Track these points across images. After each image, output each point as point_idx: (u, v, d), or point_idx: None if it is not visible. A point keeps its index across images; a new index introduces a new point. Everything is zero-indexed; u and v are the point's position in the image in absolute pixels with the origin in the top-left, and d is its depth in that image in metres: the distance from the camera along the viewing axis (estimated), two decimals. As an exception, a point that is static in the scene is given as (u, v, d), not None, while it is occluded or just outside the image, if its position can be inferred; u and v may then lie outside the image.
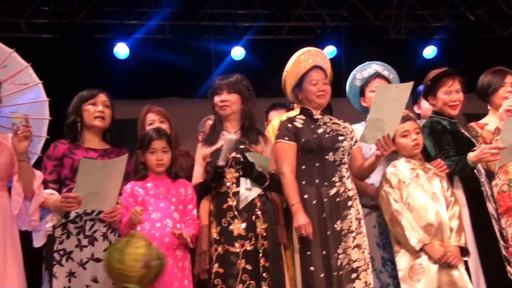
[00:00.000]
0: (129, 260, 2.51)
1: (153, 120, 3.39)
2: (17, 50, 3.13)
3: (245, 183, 2.90)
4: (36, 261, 2.86)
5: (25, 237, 2.82)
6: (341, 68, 5.19)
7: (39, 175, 2.77)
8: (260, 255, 2.84)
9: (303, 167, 2.98)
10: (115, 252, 2.55)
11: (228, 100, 3.01)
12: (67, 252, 2.73)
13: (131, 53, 6.18)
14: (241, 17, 6.50)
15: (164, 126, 3.35)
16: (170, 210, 2.86)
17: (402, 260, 2.94)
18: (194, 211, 2.94)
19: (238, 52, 6.37)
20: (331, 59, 3.30)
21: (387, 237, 3.12)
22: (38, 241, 2.76)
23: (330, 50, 6.34)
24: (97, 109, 2.93)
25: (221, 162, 2.87)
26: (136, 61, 6.31)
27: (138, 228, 2.77)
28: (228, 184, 2.92)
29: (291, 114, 3.35)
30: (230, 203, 2.90)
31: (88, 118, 2.92)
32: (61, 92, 3.31)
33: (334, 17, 6.66)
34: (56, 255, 2.72)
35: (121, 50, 6.12)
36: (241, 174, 2.91)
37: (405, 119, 3.06)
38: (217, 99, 3.04)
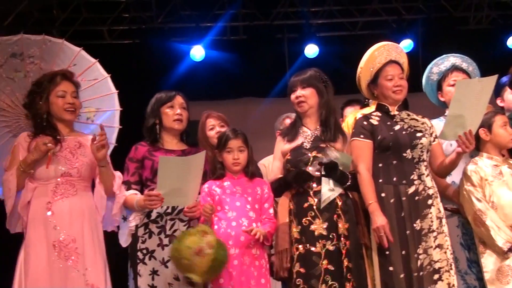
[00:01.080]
0: (183, 247, 2.57)
1: (213, 125, 3.46)
2: (100, 56, 3.29)
3: (327, 182, 2.86)
4: (123, 258, 2.97)
5: (114, 235, 2.94)
6: (418, 62, 5.04)
7: (118, 175, 2.86)
8: (343, 255, 2.81)
9: (380, 165, 2.91)
10: (175, 241, 2.64)
11: (302, 96, 2.98)
12: (149, 251, 2.80)
13: (206, 55, 6.30)
14: (314, 15, 6.47)
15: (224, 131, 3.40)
16: (246, 209, 2.88)
17: (488, 261, 2.82)
18: (271, 210, 2.95)
19: (311, 50, 6.33)
20: (407, 53, 3.22)
21: (471, 238, 3.00)
22: (123, 241, 2.86)
23: (407, 44, 6.17)
24: (175, 112, 2.98)
25: (311, 171, 2.85)
26: (211, 62, 6.43)
27: (216, 227, 2.82)
28: (309, 182, 2.89)
29: (366, 111, 3.29)
30: (310, 202, 2.87)
31: (167, 121, 2.99)
32: (141, 94, 3.42)
33: (410, 10, 6.47)
34: (139, 254, 2.81)
35: (197, 52, 6.25)
36: (323, 173, 2.87)
37: (493, 113, 2.94)
38: (292, 96, 3.02)
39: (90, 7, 6.21)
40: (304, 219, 2.86)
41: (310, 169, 2.87)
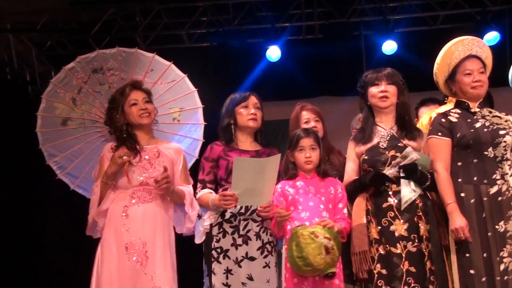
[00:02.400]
0: (313, 259, 2.57)
1: (308, 119, 3.38)
2: (179, 59, 3.41)
3: (407, 184, 2.79)
4: (199, 254, 3.03)
5: (191, 235, 3.01)
6: (505, 55, 4.78)
7: (189, 192, 2.92)
8: (426, 257, 2.73)
9: (459, 163, 2.79)
10: (296, 261, 2.63)
11: (388, 91, 2.92)
12: (223, 250, 2.86)
13: (282, 54, 6.32)
14: (392, 10, 6.30)
15: (319, 126, 3.35)
16: (319, 209, 2.86)
17: None
18: (345, 210, 2.91)
19: (389, 47, 6.17)
20: (493, 46, 3.06)
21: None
22: (198, 238, 2.94)
23: (493, 37, 5.83)
24: (249, 112, 3.03)
25: (389, 173, 2.79)
26: (287, 62, 6.43)
27: (288, 227, 2.82)
28: (387, 183, 2.83)
29: (444, 108, 3.16)
30: (390, 202, 2.81)
31: (241, 120, 3.03)
32: (219, 96, 3.48)
33: (495, 0, 6.13)
34: (214, 253, 2.86)
35: (273, 52, 6.29)
36: (402, 175, 2.80)
37: None
38: (374, 90, 2.94)
39: (170, 12, 6.40)
40: (383, 220, 2.80)
41: (389, 171, 2.80)
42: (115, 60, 3.22)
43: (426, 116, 3.44)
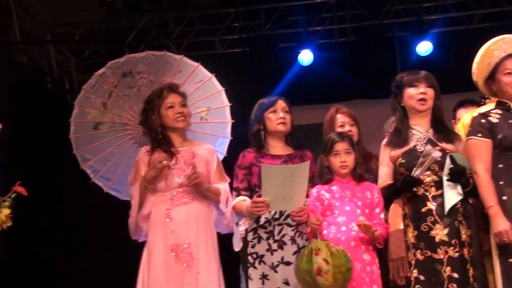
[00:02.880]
0: (302, 272, 2.56)
1: (343, 122, 3.32)
2: (212, 65, 3.42)
3: (452, 187, 2.70)
4: (236, 260, 3.02)
5: (229, 238, 3.00)
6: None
7: (224, 189, 2.94)
8: (469, 263, 2.65)
9: (501, 166, 2.69)
10: (294, 265, 2.60)
11: (427, 94, 2.85)
12: (259, 256, 2.83)
13: (314, 58, 6.27)
14: (426, 11, 6.17)
15: (354, 130, 3.29)
16: (356, 214, 2.80)
17: None
18: (382, 215, 2.85)
19: (424, 48, 6.05)
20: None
21: None
22: (236, 245, 2.93)
23: (531, 35, 5.66)
24: (278, 116, 3.00)
25: (418, 175, 2.72)
26: (320, 66, 6.38)
27: (325, 231, 2.78)
28: (425, 186, 2.76)
29: (484, 109, 3.06)
30: (429, 206, 2.72)
31: (271, 125, 3.01)
32: (252, 100, 3.46)
33: (535, -3, 5.94)
34: (250, 258, 2.85)
35: (305, 57, 6.25)
36: (446, 178, 2.72)
37: None
38: (413, 91, 2.86)
39: (202, 19, 6.45)
40: (423, 225, 2.72)
41: (416, 172, 2.72)
42: (144, 63, 3.26)
43: (468, 115, 3.34)
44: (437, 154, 2.71)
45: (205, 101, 3.29)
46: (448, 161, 2.73)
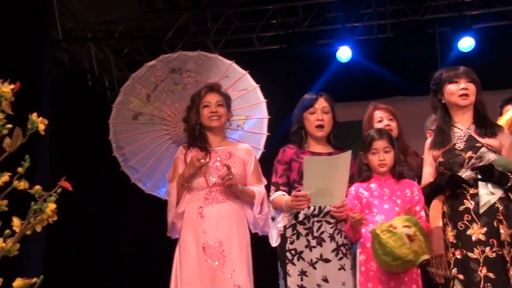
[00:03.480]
0: (398, 251, 2.48)
1: (381, 117, 3.30)
2: (249, 62, 3.43)
3: (484, 186, 2.65)
4: (274, 256, 3.01)
5: (263, 236, 3.00)
6: None
7: (259, 192, 2.92)
8: (509, 264, 2.58)
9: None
10: (383, 259, 2.54)
11: (468, 89, 2.79)
12: (298, 252, 2.82)
13: (353, 55, 6.21)
14: (468, 6, 6.03)
15: (393, 124, 3.26)
16: (394, 212, 2.76)
17: None
18: (422, 213, 2.80)
19: (466, 43, 5.91)
20: None
21: None
22: (273, 241, 2.92)
23: None
24: (317, 118, 2.97)
25: (467, 176, 2.67)
26: (358, 62, 6.31)
27: (363, 230, 2.75)
28: (464, 185, 2.70)
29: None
30: (467, 205, 2.67)
31: (309, 127, 2.99)
32: (289, 98, 3.47)
33: None
34: (288, 254, 2.83)
35: (344, 53, 6.19)
36: (479, 177, 2.66)
37: None
38: (454, 87, 2.80)
39: (240, 16, 6.46)
40: (459, 223, 2.67)
41: (465, 173, 2.67)
42: (194, 62, 3.28)
43: (510, 112, 3.25)
44: (492, 157, 2.65)
45: (245, 110, 3.30)
46: (476, 159, 2.65)
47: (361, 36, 6.27)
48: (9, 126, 1.51)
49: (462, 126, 2.83)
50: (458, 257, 2.64)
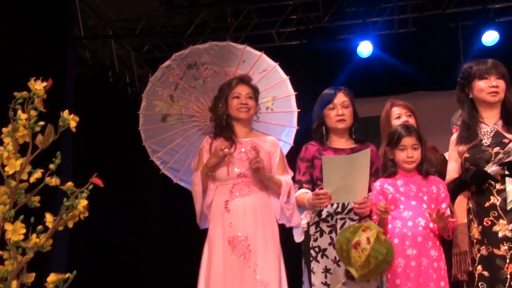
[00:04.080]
0: (343, 239, 2.50)
1: (399, 114, 3.28)
2: (270, 58, 3.39)
3: (510, 182, 2.61)
4: (299, 253, 3.02)
5: (290, 231, 3.00)
6: None
7: (286, 181, 2.90)
8: None
9: None
10: (339, 232, 2.58)
11: (499, 86, 2.73)
12: (321, 249, 2.82)
13: (374, 50, 6.16)
14: (492, -1, 5.94)
15: (411, 121, 3.23)
16: (422, 209, 2.75)
17: None
18: (448, 211, 2.77)
19: (490, 37, 5.82)
20: None
21: None
22: (297, 237, 2.92)
23: None
24: (337, 113, 2.96)
25: (494, 171, 2.63)
26: (379, 57, 6.25)
27: (390, 226, 2.74)
28: (490, 180, 2.66)
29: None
30: (493, 201, 2.63)
31: (329, 122, 2.98)
32: (310, 93, 3.44)
33: None
34: (312, 252, 2.84)
35: (365, 48, 6.14)
36: (506, 173, 2.62)
37: None
38: (483, 84, 2.74)
39: (260, 12, 6.46)
40: (486, 219, 2.64)
41: (491, 169, 2.63)
42: (208, 54, 3.27)
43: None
44: None
45: (270, 90, 3.27)
46: (503, 154, 2.62)
47: (382, 30, 6.21)
48: (42, 123, 1.54)
49: (489, 122, 2.79)
50: (484, 253, 2.61)
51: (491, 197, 2.65)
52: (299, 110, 3.32)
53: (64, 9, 4.50)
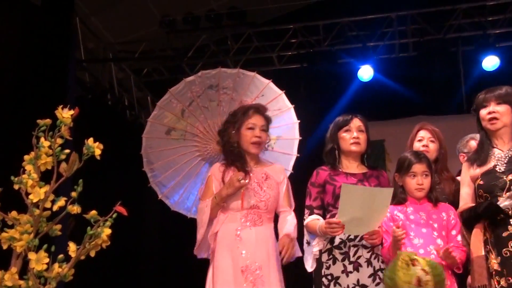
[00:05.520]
0: (402, 284, 2.47)
1: (422, 137, 3.30)
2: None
3: None
4: (308, 282, 2.99)
5: (300, 259, 2.96)
6: None
7: (294, 224, 2.88)
8: None
9: None
10: (385, 279, 2.54)
11: (496, 112, 2.72)
12: (334, 277, 2.80)
13: (374, 74, 6.25)
14: (492, 24, 6.05)
15: (432, 146, 3.24)
16: (433, 236, 2.74)
17: None
18: (459, 237, 2.76)
19: (490, 62, 5.92)
20: None
21: None
22: (308, 266, 2.89)
23: None
24: (352, 136, 2.98)
25: (506, 205, 2.58)
26: (379, 81, 6.35)
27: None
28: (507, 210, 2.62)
29: None
30: (511, 231, 2.60)
31: (344, 145, 2.99)
32: (310, 118, 3.48)
33: None
34: (324, 280, 2.81)
35: (365, 72, 6.22)
36: None
37: None
38: (483, 112, 2.76)
39: (260, 36, 6.54)
40: (504, 250, 2.61)
41: (504, 203, 2.63)
42: (232, 80, 3.29)
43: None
44: None
45: (278, 130, 3.28)
46: None
47: (383, 55, 6.31)
48: (67, 151, 1.55)
49: (503, 148, 2.75)
50: (504, 285, 2.56)
51: (509, 227, 2.60)
52: (300, 138, 3.33)
53: (67, 34, 4.55)
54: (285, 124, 3.31)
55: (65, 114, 1.51)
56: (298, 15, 6.63)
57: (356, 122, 3.02)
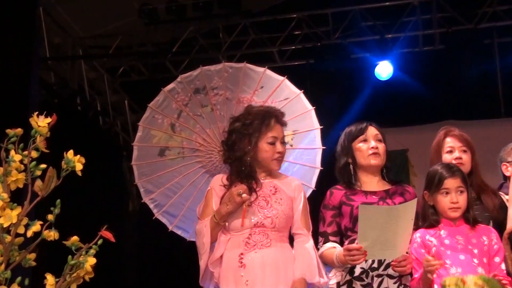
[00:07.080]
0: None
1: (452, 147, 3.21)
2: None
3: None
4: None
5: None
6: None
7: (312, 252, 2.85)
8: None
9: None
10: None
11: None
12: (355, 311, 2.79)
13: (394, 71, 6.30)
14: (532, 11, 6.13)
15: (465, 157, 3.19)
16: (473, 264, 2.75)
17: None
18: (503, 265, 2.79)
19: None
20: None
21: None
22: None
23: None
24: (369, 146, 2.97)
25: None
26: (400, 80, 6.39)
27: (435, 286, 2.75)
28: None
29: None
30: None
31: (361, 158, 2.97)
32: (319, 121, 3.46)
33: None
34: (338, 313, 2.81)
35: (384, 69, 6.27)
36: None
37: None
38: None
39: (258, 27, 6.57)
40: None
41: None
42: (220, 77, 3.26)
43: None
44: None
45: (291, 123, 3.15)
46: None
47: (404, 48, 6.36)
48: (43, 166, 1.57)
49: None
50: None
51: None
52: (324, 147, 3.28)
53: (29, 25, 4.56)
54: (298, 115, 3.24)
55: (41, 123, 1.52)
56: (303, 2, 6.66)
57: (373, 131, 3.02)
